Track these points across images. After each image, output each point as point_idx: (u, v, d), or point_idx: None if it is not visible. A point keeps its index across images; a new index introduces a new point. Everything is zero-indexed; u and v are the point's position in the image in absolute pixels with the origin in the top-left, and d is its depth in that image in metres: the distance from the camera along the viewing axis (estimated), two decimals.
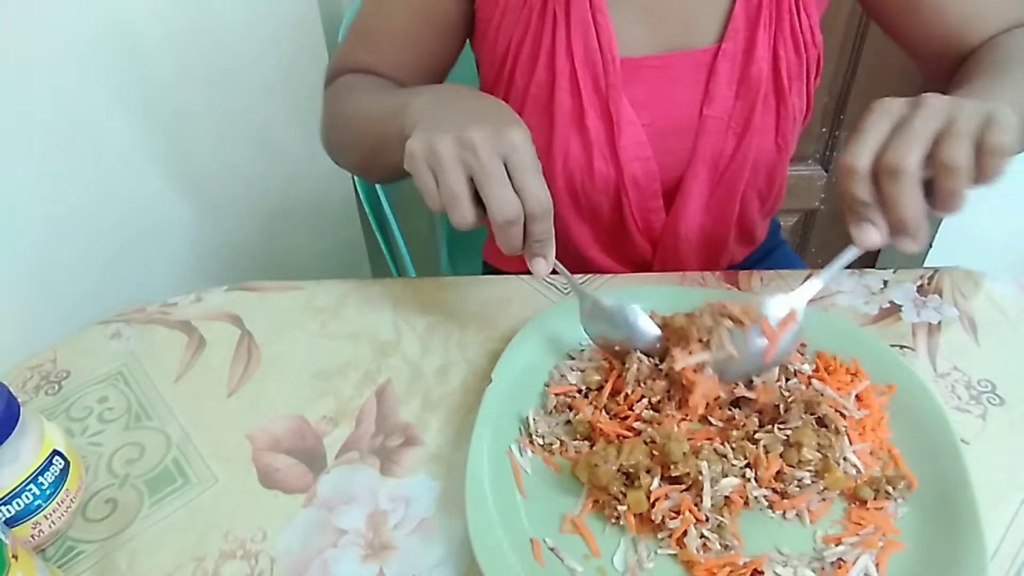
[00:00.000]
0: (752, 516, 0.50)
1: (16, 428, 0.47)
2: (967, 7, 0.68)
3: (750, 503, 0.50)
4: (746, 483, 0.50)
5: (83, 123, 0.95)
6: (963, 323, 0.65)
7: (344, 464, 0.56)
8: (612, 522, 0.50)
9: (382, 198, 0.91)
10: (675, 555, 0.48)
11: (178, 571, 0.50)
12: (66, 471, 0.51)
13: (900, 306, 0.66)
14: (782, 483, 0.50)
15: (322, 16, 1.05)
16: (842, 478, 0.50)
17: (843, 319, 0.64)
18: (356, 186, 0.92)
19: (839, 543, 0.48)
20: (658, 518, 0.49)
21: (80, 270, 0.99)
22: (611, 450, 0.51)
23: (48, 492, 0.49)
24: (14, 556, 0.42)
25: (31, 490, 0.48)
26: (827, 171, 1.49)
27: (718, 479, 0.49)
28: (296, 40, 1.05)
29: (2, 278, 0.88)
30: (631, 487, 0.50)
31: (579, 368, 0.59)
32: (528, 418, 0.56)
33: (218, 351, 0.65)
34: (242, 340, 0.66)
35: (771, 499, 0.50)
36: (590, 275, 0.71)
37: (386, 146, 0.61)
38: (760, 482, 0.50)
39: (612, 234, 0.80)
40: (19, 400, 0.49)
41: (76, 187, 0.96)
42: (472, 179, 0.52)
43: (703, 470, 0.49)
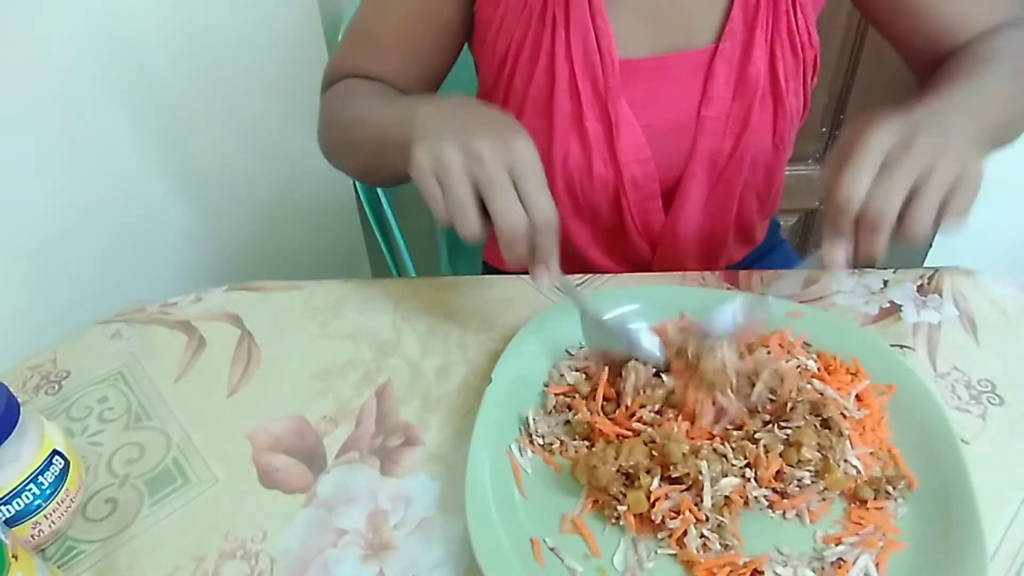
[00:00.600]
0: (752, 516, 0.50)
1: (16, 428, 0.47)
2: (958, 7, 0.69)
3: (750, 503, 0.50)
4: (746, 483, 0.50)
5: (83, 123, 0.95)
6: (963, 323, 0.65)
7: (344, 464, 0.56)
8: (612, 522, 0.50)
9: (382, 198, 0.91)
10: (675, 555, 0.48)
11: (178, 571, 0.50)
12: (66, 471, 0.51)
13: (900, 306, 0.66)
14: (782, 483, 0.50)
15: (322, 16, 1.05)
16: (842, 479, 0.50)
17: (843, 319, 0.64)
18: (356, 186, 0.92)
19: (839, 543, 0.48)
20: (658, 518, 0.49)
21: (80, 270, 0.99)
22: (610, 451, 0.51)
23: (48, 492, 0.49)
24: (14, 556, 0.42)
25: (31, 490, 0.48)
26: None
27: (718, 479, 0.49)
28: (296, 40, 1.05)
29: (2, 278, 0.88)
30: (631, 487, 0.50)
31: (578, 368, 0.59)
32: (528, 418, 0.56)
33: (218, 351, 0.65)
34: (242, 340, 0.66)
35: (771, 499, 0.50)
36: (590, 275, 0.71)
37: (388, 153, 0.61)
38: (760, 482, 0.50)
39: (611, 235, 0.80)
40: (19, 400, 0.49)
41: (76, 187, 0.96)
42: (477, 190, 0.52)
43: (703, 470, 0.49)
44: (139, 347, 0.65)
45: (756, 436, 0.52)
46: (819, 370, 0.58)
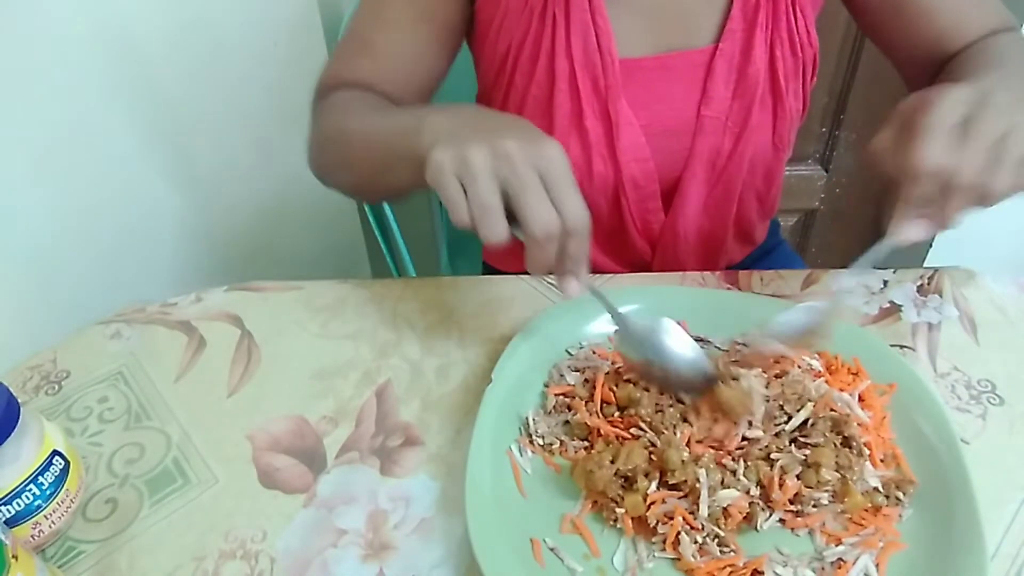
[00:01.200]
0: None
1: (16, 428, 0.47)
2: (953, 15, 0.69)
3: (753, 520, 0.49)
4: (752, 502, 0.49)
5: (83, 123, 0.95)
6: (963, 323, 0.65)
7: (344, 464, 0.56)
8: (611, 524, 0.50)
9: None
10: (675, 557, 0.48)
11: (178, 571, 0.50)
12: (66, 471, 0.51)
13: (900, 306, 0.66)
14: (799, 504, 0.49)
15: (322, 16, 1.05)
16: (861, 501, 0.49)
17: (843, 319, 0.64)
18: None
19: (839, 543, 0.48)
20: (652, 522, 0.49)
21: (80, 270, 0.99)
22: (608, 453, 0.50)
23: (48, 492, 0.49)
24: (14, 556, 0.42)
25: (31, 490, 0.48)
26: (827, 171, 1.48)
27: (716, 488, 0.49)
28: (296, 40, 1.05)
29: (2, 278, 0.88)
30: (629, 490, 0.49)
31: (578, 368, 0.59)
32: (528, 418, 0.56)
33: (218, 351, 0.65)
34: (242, 340, 0.66)
35: (784, 517, 0.49)
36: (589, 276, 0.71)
37: (391, 166, 0.59)
38: (774, 505, 0.49)
39: (611, 234, 0.80)
40: (19, 400, 0.49)
41: (76, 187, 0.96)
42: (504, 192, 0.49)
43: (701, 478, 0.49)
44: (139, 347, 0.65)
45: (772, 457, 0.50)
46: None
